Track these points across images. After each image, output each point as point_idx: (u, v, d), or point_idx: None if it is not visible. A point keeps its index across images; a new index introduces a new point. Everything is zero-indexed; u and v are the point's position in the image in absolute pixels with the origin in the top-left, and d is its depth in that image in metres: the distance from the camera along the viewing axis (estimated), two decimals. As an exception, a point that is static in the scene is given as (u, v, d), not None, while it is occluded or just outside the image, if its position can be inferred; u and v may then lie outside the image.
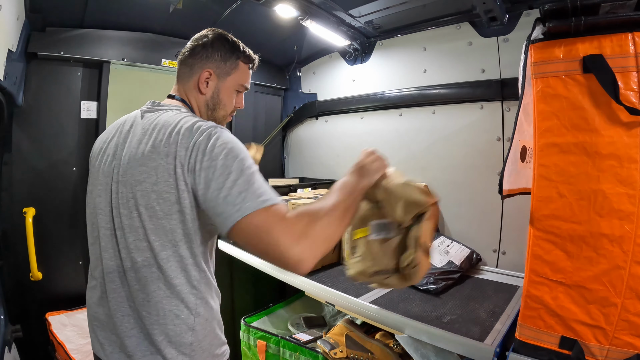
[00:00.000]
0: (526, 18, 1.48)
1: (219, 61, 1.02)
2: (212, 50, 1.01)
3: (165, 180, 0.81)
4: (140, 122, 0.93)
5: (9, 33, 1.38)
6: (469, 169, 1.69)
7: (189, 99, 1.02)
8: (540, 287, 0.92)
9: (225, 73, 1.03)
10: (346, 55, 2.17)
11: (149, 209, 0.82)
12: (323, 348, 1.49)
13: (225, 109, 1.07)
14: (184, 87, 1.03)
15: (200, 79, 1.00)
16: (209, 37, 1.02)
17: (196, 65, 1.01)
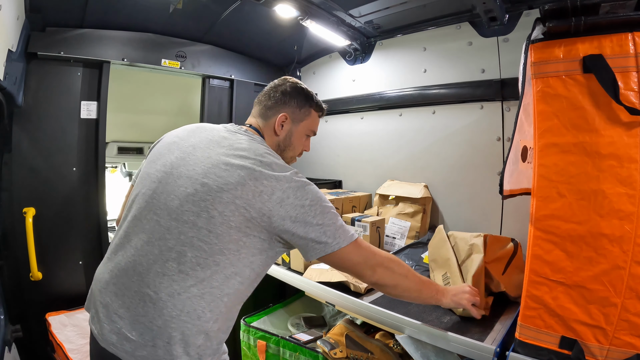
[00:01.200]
0: (526, 18, 1.48)
1: (295, 107, 1.14)
2: (289, 97, 1.13)
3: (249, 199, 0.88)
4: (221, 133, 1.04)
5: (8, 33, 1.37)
6: (469, 168, 1.69)
7: (265, 137, 1.12)
8: (540, 287, 0.92)
9: (299, 119, 1.15)
10: (346, 55, 2.17)
11: (222, 215, 0.88)
12: (323, 348, 1.49)
13: (294, 151, 1.18)
14: (262, 125, 1.13)
15: (277, 121, 1.11)
16: (288, 85, 1.16)
17: (274, 109, 1.12)
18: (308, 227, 0.91)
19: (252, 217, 0.88)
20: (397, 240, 1.75)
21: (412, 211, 1.75)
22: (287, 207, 0.89)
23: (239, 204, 0.87)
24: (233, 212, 0.87)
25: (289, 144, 1.14)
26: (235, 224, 0.87)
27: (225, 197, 0.88)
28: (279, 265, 1.72)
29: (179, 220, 0.89)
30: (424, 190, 1.77)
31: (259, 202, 0.88)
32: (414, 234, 1.72)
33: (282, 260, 1.71)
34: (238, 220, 0.88)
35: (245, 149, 0.96)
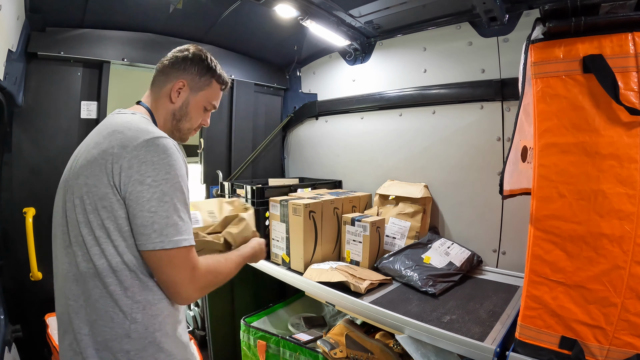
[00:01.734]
0: (526, 18, 1.48)
1: (195, 75, 1.07)
2: (190, 63, 1.07)
3: (96, 174, 0.83)
4: (98, 127, 0.96)
5: (9, 33, 1.37)
6: (469, 169, 1.69)
7: (156, 106, 1.06)
8: (540, 287, 0.92)
9: (198, 87, 1.09)
10: (346, 55, 2.17)
11: (81, 201, 0.84)
12: (323, 348, 1.49)
13: (191, 122, 1.10)
14: (155, 95, 1.06)
15: (174, 88, 1.05)
16: (190, 51, 1.08)
17: (172, 74, 1.06)
18: (144, 205, 0.81)
19: (107, 195, 0.83)
20: (397, 240, 1.75)
21: (412, 211, 1.75)
22: (132, 179, 0.82)
23: (91, 184, 0.84)
24: (87, 194, 0.84)
25: (185, 114, 1.08)
26: (93, 207, 0.83)
27: (80, 181, 0.85)
28: (279, 265, 1.73)
29: (68, 224, 0.87)
30: (424, 190, 1.77)
31: (107, 176, 0.83)
32: (414, 234, 1.72)
33: (282, 260, 1.71)
34: (95, 203, 0.83)
35: (112, 125, 0.90)
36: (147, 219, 0.81)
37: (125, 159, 0.82)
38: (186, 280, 0.85)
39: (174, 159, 0.86)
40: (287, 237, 1.66)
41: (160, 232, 0.82)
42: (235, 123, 2.34)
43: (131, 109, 1.02)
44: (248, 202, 1.83)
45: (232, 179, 2.29)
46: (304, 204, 1.56)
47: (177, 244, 0.83)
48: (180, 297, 0.88)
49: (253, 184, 1.85)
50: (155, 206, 0.82)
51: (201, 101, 1.11)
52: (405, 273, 1.47)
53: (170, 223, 0.83)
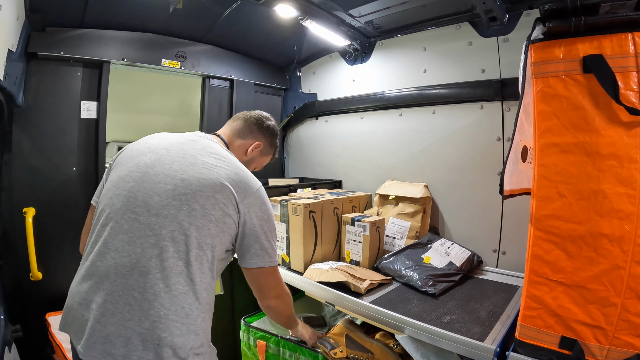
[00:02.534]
0: (526, 18, 1.48)
1: (268, 144, 1.32)
2: (269, 133, 1.31)
3: (219, 195, 0.96)
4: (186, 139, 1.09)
5: (9, 33, 1.37)
6: (468, 168, 1.69)
7: (232, 150, 1.21)
8: (540, 287, 0.92)
9: (264, 153, 1.33)
10: (346, 55, 2.17)
11: (202, 208, 0.93)
12: (323, 348, 1.49)
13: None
14: (235, 140, 1.24)
15: (253, 145, 1.26)
16: (273, 124, 1.33)
17: (255, 133, 1.27)
18: (261, 236, 1.02)
19: (229, 214, 0.96)
20: (397, 240, 1.75)
21: (412, 211, 1.75)
22: (253, 213, 1.01)
23: (219, 199, 0.95)
24: (213, 205, 0.93)
25: (247, 167, 1.24)
26: (215, 217, 0.93)
27: (206, 191, 0.94)
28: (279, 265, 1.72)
29: (160, 216, 0.90)
30: (424, 190, 1.77)
31: (234, 200, 0.97)
32: (414, 234, 1.72)
33: (282, 260, 1.71)
34: (217, 215, 0.94)
35: (218, 154, 1.05)
36: (264, 245, 1.03)
37: (249, 198, 1.00)
38: (281, 285, 1.17)
39: (270, 205, 1.08)
40: (287, 237, 1.66)
41: (271, 255, 1.06)
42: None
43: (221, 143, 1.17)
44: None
45: (232, 179, 2.29)
46: (304, 204, 1.56)
47: (270, 264, 1.07)
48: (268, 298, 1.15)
49: (253, 184, 1.85)
50: (269, 237, 1.05)
51: (260, 162, 1.35)
52: (405, 273, 1.47)
53: (273, 248, 1.07)
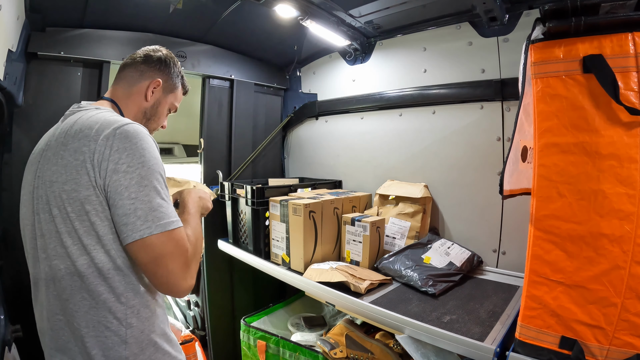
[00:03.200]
0: (526, 18, 1.48)
1: (168, 76, 1.11)
2: (164, 65, 1.10)
3: (73, 178, 0.79)
4: (60, 125, 0.91)
5: (9, 33, 1.37)
6: (468, 168, 1.69)
7: (126, 103, 1.03)
8: (540, 287, 0.92)
9: (169, 89, 1.12)
10: (346, 55, 2.17)
11: (61, 211, 0.79)
12: (323, 348, 1.49)
13: (158, 122, 1.13)
14: (125, 90, 1.04)
15: (150, 86, 1.06)
16: (163, 52, 1.13)
17: (147, 72, 1.07)
18: (117, 197, 0.78)
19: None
20: (397, 240, 1.75)
21: (412, 211, 1.75)
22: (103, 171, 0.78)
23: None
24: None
25: (155, 113, 1.10)
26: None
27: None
28: (278, 265, 1.73)
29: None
30: (424, 190, 1.77)
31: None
32: (414, 234, 1.72)
33: (282, 260, 1.71)
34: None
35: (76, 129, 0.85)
36: (128, 207, 0.77)
37: (97, 152, 0.78)
38: (182, 267, 0.81)
39: (146, 142, 0.83)
40: (287, 237, 1.66)
41: (145, 218, 0.77)
42: (235, 123, 2.34)
43: (95, 104, 0.98)
44: (248, 202, 1.83)
45: (232, 178, 2.29)
46: (304, 204, 1.56)
47: (165, 227, 0.78)
48: (178, 289, 0.82)
49: (253, 184, 1.85)
50: (135, 192, 0.77)
51: (169, 102, 1.13)
52: (405, 273, 1.47)
53: (154, 207, 0.78)
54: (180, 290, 0.82)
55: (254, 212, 1.81)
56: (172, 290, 0.82)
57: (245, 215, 1.89)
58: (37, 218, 0.84)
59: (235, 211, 2.01)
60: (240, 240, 1.99)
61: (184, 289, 0.83)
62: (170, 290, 0.82)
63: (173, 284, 0.81)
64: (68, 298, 0.79)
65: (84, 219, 0.78)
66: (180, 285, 0.81)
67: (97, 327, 0.79)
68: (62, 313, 0.80)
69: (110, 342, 0.79)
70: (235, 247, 1.99)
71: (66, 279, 0.79)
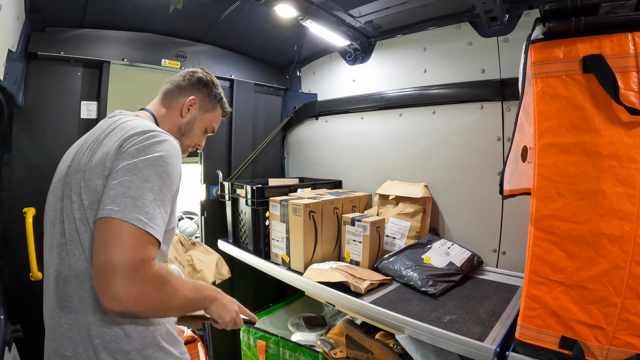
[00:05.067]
0: (526, 18, 1.48)
1: (205, 96, 1.14)
2: (203, 85, 1.14)
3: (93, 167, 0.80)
4: (100, 124, 0.95)
5: (9, 33, 1.37)
6: (468, 168, 1.69)
7: (164, 117, 1.08)
8: (540, 287, 0.92)
9: (206, 108, 1.15)
10: (346, 55, 2.17)
11: (79, 198, 0.80)
12: (323, 348, 1.49)
13: (192, 139, 1.15)
14: (164, 105, 1.09)
15: (186, 103, 1.09)
16: (203, 74, 1.15)
17: (186, 90, 1.11)
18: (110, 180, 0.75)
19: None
20: (397, 240, 1.75)
21: (412, 211, 1.75)
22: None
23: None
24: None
25: (189, 130, 1.12)
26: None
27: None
28: (279, 265, 1.73)
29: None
30: (424, 190, 1.77)
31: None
32: (414, 234, 1.72)
33: (282, 260, 1.71)
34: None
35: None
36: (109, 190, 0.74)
37: (120, 146, 0.80)
38: (127, 267, 0.67)
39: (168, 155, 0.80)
40: (287, 237, 1.66)
41: (113, 199, 0.71)
42: (235, 123, 2.34)
43: (135, 113, 1.03)
44: (248, 202, 1.83)
45: (232, 178, 2.29)
46: (304, 204, 1.56)
47: (131, 219, 0.69)
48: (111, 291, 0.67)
49: (253, 184, 1.85)
50: (121, 174, 0.74)
51: (205, 122, 1.16)
52: (405, 273, 1.47)
53: (131, 195, 0.71)
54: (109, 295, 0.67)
55: (254, 212, 1.81)
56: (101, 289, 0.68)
57: (245, 215, 1.89)
58: (60, 205, 0.86)
59: (235, 211, 2.01)
60: (240, 240, 1.99)
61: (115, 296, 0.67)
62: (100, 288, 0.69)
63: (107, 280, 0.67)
64: (79, 285, 0.80)
65: (94, 207, 0.78)
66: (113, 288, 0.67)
67: (103, 318, 0.79)
68: (69, 300, 0.81)
69: (114, 334, 0.79)
70: (235, 247, 1.99)
71: (78, 265, 0.80)
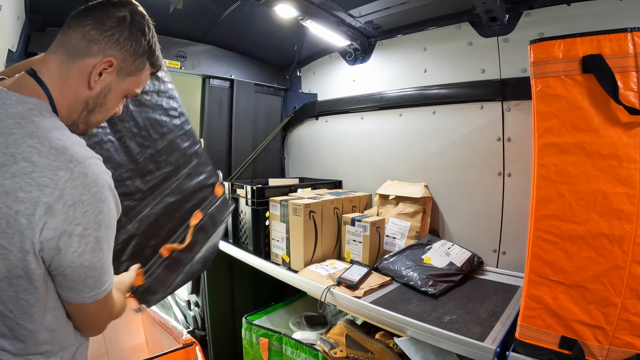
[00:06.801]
0: (526, 18, 1.48)
1: (129, 54, 0.77)
2: (128, 35, 0.76)
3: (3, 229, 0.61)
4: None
5: (9, 33, 1.38)
6: (469, 168, 1.69)
7: (62, 88, 0.74)
8: (540, 287, 0.92)
9: (127, 72, 0.79)
10: (346, 55, 2.17)
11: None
12: (323, 348, 1.49)
13: (105, 113, 0.82)
14: (63, 67, 0.75)
15: (96, 67, 0.74)
16: (129, 17, 0.76)
17: (97, 45, 0.74)
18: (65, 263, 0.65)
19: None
20: (398, 240, 1.75)
21: (412, 211, 1.75)
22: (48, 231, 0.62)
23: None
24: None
25: (101, 104, 0.78)
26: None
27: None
28: (279, 265, 1.73)
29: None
30: (424, 190, 1.77)
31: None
32: (414, 234, 1.72)
33: (283, 260, 1.71)
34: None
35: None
36: (78, 275, 0.67)
37: (43, 205, 0.60)
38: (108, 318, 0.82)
39: (105, 188, 0.67)
40: (287, 237, 1.66)
41: (93, 286, 0.71)
42: (235, 123, 2.34)
43: (17, 86, 0.71)
44: (248, 202, 1.84)
45: (232, 179, 2.30)
46: (304, 204, 1.56)
47: (106, 291, 0.75)
48: (96, 332, 0.83)
49: (253, 184, 1.85)
50: (89, 259, 0.67)
51: (125, 88, 0.81)
52: (405, 273, 1.47)
53: (103, 272, 0.72)
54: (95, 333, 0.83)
55: (254, 212, 1.81)
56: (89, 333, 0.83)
57: (246, 215, 1.89)
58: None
59: (236, 211, 2.01)
60: (240, 240, 1.99)
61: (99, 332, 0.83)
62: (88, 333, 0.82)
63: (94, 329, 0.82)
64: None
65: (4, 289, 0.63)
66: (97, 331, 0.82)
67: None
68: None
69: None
70: (236, 247, 1.99)
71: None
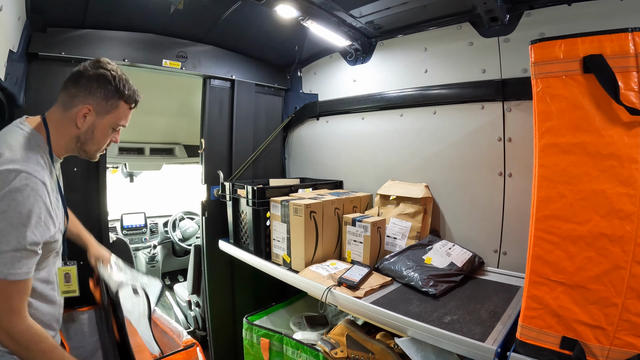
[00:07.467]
0: (527, 18, 1.48)
1: (101, 99, 1.04)
2: (96, 86, 1.02)
3: None
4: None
5: (9, 33, 1.38)
6: (469, 169, 1.69)
7: (59, 127, 1.04)
8: (541, 288, 0.92)
9: (105, 111, 1.05)
10: (347, 56, 2.17)
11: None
12: (324, 348, 1.49)
13: (97, 144, 1.10)
14: (59, 114, 1.05)
15: (79, 114, 1.02)
16: (96, 72, 1.03)
17: (77, 97, 1.03)
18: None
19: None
20: (398, 240, 1.75)
21: (413, 211, 1.75)
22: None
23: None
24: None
25: (90, 137, 1.07)
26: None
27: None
28: (279, 265, 1.73)
29: None
30: (424, 190, 1.77)
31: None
32: (414, 234, 1.72)
33: (283, 261, 1.71)
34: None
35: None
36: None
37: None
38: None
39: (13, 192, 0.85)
40: (288, 237, 1.66)
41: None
42: (236, 123, 2.34)
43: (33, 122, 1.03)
44: (249, 202, 1.84)
45: (233, 179, 2.30)
46: (305, 204, 1.56)
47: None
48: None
49: (254, 184, 1.85)
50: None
51: (108, 124, 1.08)
52: (406, 273, 1.47)
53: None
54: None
55: (255, 212, 1.81)
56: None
57: (246, 215, 1.89)
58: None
59: (236, 211, 2.01)
60: (241, 240, 1.99)
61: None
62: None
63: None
64: None
65: None
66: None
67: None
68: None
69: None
70: (236, 247, 1.99)
71: None
